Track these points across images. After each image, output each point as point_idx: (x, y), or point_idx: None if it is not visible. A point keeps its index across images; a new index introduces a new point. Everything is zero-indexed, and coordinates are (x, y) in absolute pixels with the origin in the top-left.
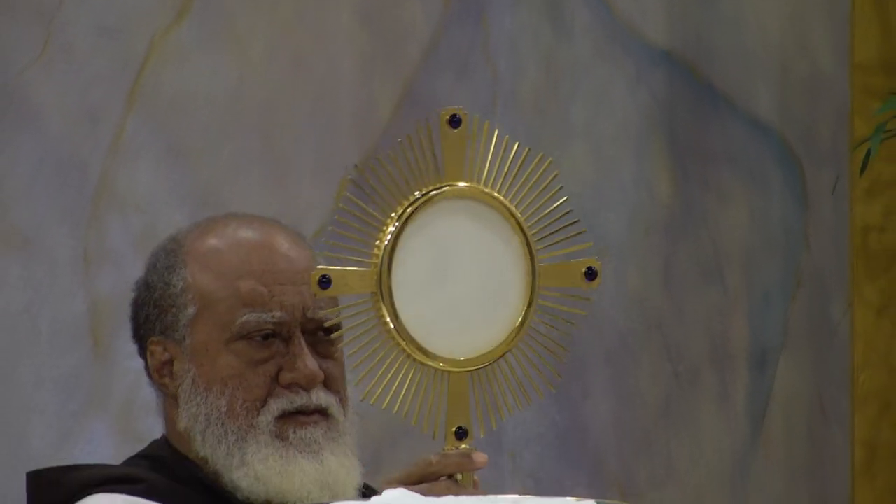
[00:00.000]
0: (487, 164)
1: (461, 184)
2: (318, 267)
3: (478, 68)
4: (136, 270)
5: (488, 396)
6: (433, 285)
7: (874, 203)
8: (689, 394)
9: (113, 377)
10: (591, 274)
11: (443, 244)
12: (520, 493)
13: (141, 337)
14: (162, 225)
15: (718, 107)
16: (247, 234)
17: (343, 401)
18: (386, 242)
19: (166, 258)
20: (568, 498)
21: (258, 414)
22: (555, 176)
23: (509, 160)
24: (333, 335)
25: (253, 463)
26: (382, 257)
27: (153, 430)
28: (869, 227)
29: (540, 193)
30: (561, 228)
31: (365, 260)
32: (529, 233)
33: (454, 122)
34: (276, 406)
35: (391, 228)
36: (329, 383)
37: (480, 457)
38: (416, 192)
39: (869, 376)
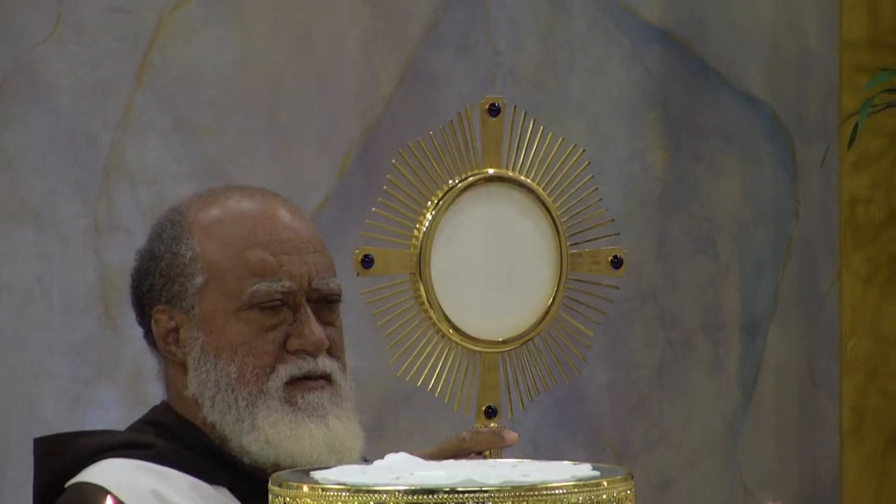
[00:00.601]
0: (523, 153)
1: (497, 171)
2: (361, 246)
3: (478, 45)
4: (144, 241)
5: (517, 377)
6: (468, 268)
7: (861, 176)
8: (682, 361)
9: (122, 344)
10: (616, 262)
11: (478, 229)
12: (519, 458)
13: (144, 305)
14: (170, 197)
15: (711, 83)
16: (250, 205)
17: (344, 367)
18: (426, 226)
19: (172, 229)
20: (565, 462)
21: (267, 380)
22: (586, 166)
23: (543, 149)
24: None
25: (264, 427)
26: (423, 240)
27: (161, 395)
28: (856, 199)
29: (571, 182)
30: (589, 217)
31: (404, 241)
32: (560, 220)
33: (493, 110)
34: (284, 372)
35: (431, 212)
36: (331, 350)
37: (510, 435)
38: (455, 178)
39: (856, 344)
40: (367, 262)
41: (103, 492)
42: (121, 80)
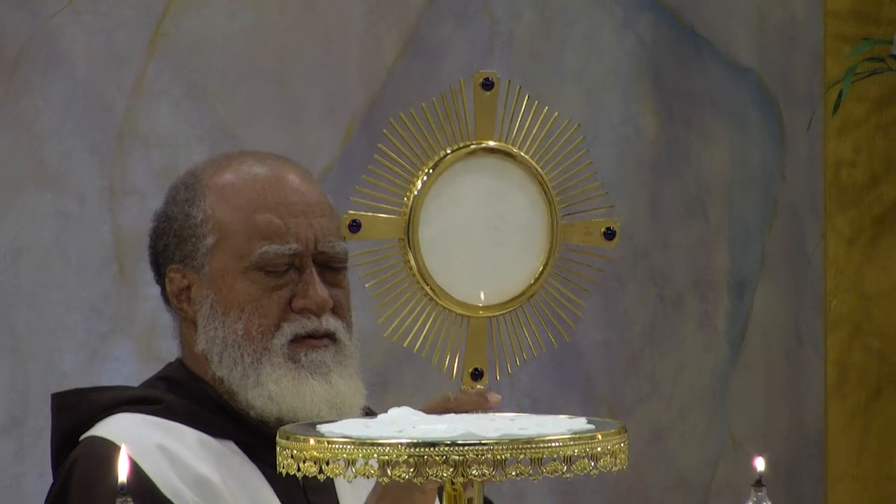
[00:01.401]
0: (517, 126)
1: (491, 142)
2: (350, 212)
3: (477, 15)
4: (157, 203)
5: (505, 342)
6: (458, 235)
7: (845, 140)
8: (673, 318)
9: (137, 302)
10: (610, 234)
11: (469, 197)
12: (517, 412)
13: (159, 265)
14: (182, 161)
15: (701, 51)
16: (261, 169)
17: (349, 326)
18: (416, 192)
19: (186, 191)
20: (561, 415)
21: (272, 337)
22: (581, 140)
23: (538, 123)
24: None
25: (267, 383)
26: (412, 206)
27: (174, 350)
28: (841, 162)
29: (566, 155)
30: (584, 189)
31: (395, 208)
32: (552, 191)
33: (487, 84)
34: (289, 330)
35: (422, 179)
36: (337, 310)
37: (494, 397)
38: (448, 149)
39: (840, 302)
40: (354, 226)
41: (113, 446)
42: (135, 49)
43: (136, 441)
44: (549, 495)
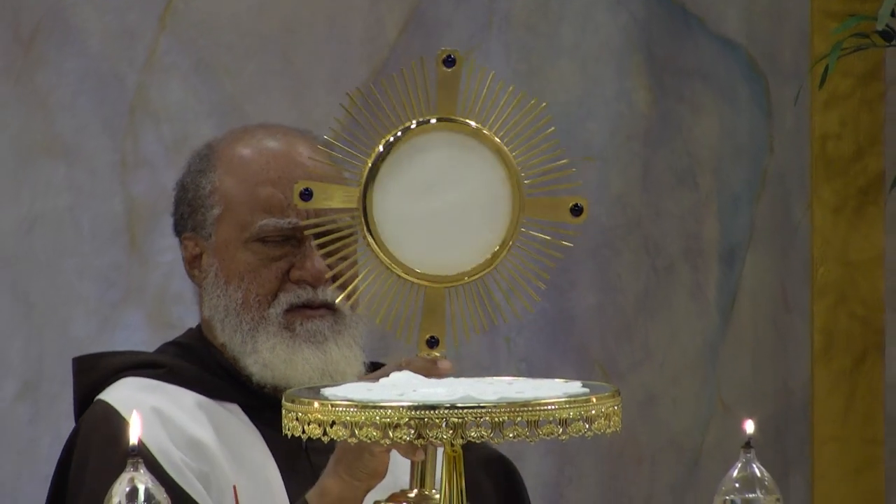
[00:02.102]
0: (480, 102)
1: (452, 117)
2: (302, 180)
3: None
4: (168, 175)
5: (464, 312)
6: (416, 206)
7: (831, 113)
8: (665, 286)
9: (147, 270)
10: (577, 210)
11: (429, 170)
12: (514, 375)
13: (178, 233)
14: (191, 134)
15: (692, 27)
16: (270, 143)
17: (352, 295)
18: (371, 163)
19: (199, 162)
20: (556, 379)
21: (269, 306)
22: (547, 119)
23: (503, 101)
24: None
25: (262, 351)
26: (367, 175)
27: (183, 318)
28: (827, 135)
29: (532, 133)
30: (550, 166)
31: (352, 179)
32: (515, 166)
33: (449, 61)
34: (285, 299)
35: (378, 150)
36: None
37: (445, 364)
38: (408, 122)
39: (826, 270)
40: (305, 194)
41: (111, 409)
42: (146, 26)
43: (133, 404)
44: (545, 456)
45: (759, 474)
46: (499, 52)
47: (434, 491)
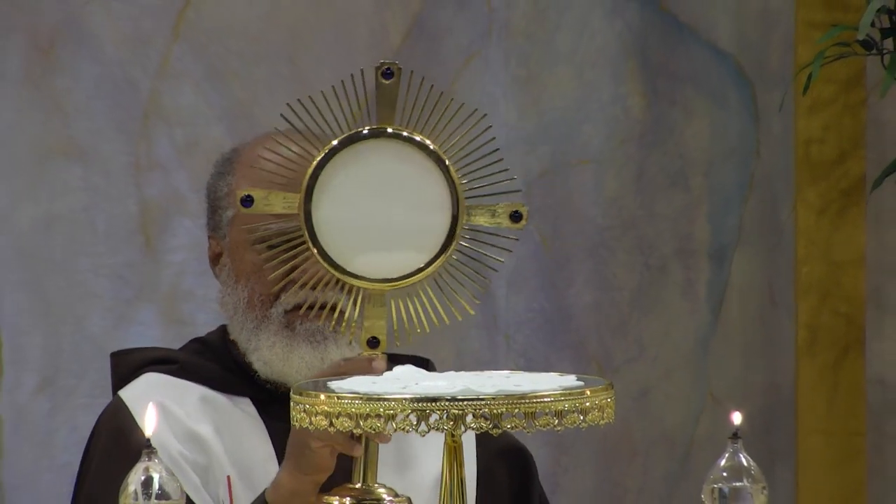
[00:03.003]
0: (420, 114)
1: (391, 127)
2: (245, 188)
3: (475, 1)
4: (180, 177)
5: (405, 314)
6: (356, 212)
7: (815, 119)
8: (658, 284)
9: (160, 269)
10: (516, 216)
11: (369, 178)
12: (512, 370)
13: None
14: (203, 137)
15: (683, 36)
16: (286, 148)
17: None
18: (311, 169)
19: (221, 165)
20: (553, 373)
21: (271, 306)
22: (487, 129)
23: (443, 111)
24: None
25: (263, 348)
26: (307, 182)
27: (194, 314)
28: (811, 139)
29: (472, 142)
30: (491, 174)
31: (293, 185)
32: (455, 174)
33: (387, 74)
34: (286, 300)
35: (320, 157)
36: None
37: (379, 364)
38: (348, 131)
39: (811, 269)
40: (246, 200)
41: (121, 405)
42: (159, 33)
43: (143, 399)
44: (542, 447)
45: (745, 464)
46: (498, 59)
47: (376, 485)
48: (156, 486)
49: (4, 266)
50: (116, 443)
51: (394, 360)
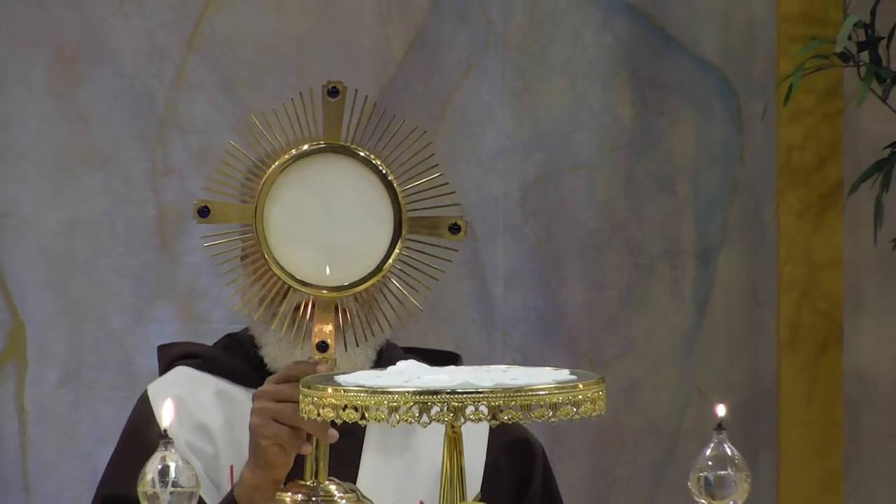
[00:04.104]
0: (364, 129)
1: (336, 142)
2: (201, 199)
3: (474, 16)
4: (195, 182)
5: (353, 319)
6: (304, 223)
7: (796, 127)
8: (646, 283)
9: (177, 269)
10: (455, 228)
11: (317, 191)
12: (508, 364)
13: None
14: (216, 145)
15: (671, 48)
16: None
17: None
18: (263, 182)
19: (250, 171)
20: (547, 368)
21: (280, 304)
22: (428, 145)
23: (385, 127)
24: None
25: (269, 345)
26: (259, 194)
27: (209, 312)
28: (792, 146)
29: (414, 157)
30: (432, 188)
31: (246, 197)
32: (399, 188)
33: (333, 92)
34: (294, 299)
35: (269, 172)
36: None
37: (323, 367)
38: (298, 147)
39: (791, 269)
40: (203, 211)
41: (144, 398)
42: (174, 47)
43: (164, 392)
44: (538, 437)
45: (730, 453)
46: (496, 70)
47: (328, 481)
48: (172, 474)
49: (30, 266)
50: (133, 432)
51: (423, 354)
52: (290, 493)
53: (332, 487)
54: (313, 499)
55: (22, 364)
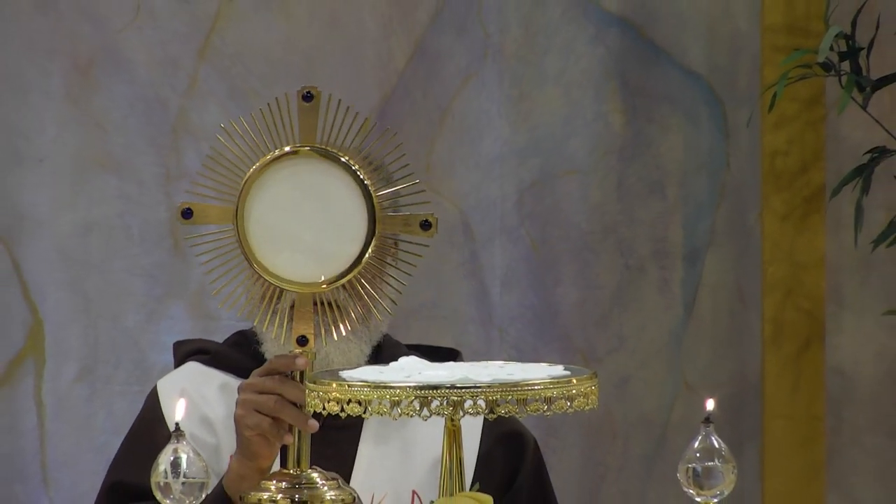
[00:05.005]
0: (338, 132)
1: (312, 145)
2: (184, 201)
3: (473, 28)
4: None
5: (331, 314)
6: (282, 223)
7: (780, 134)
8: (636, 283)
9: (188, 269)
10: (426, 225)
11: (294, 192)
12: (505, 360)
13: None
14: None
15: (660, 59)
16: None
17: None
18: (243, 185)
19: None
20: (542, 364)
21: (278, 302)
22: (399, 146)
23: (358, 130)
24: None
25: (268, 341)
26: (240, 196)
27: (219, 310)
28: (776, 152)
29: (387, 157)
30: (404, 187)
31: (227, 199)
32: (372, 187)
33: (307, 97)
34: (290, 296)
35: (250, 173)
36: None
37: (300, 361)
38: (275, 151)
39: (776, 269)
40: (186, 213)
41: (153, 392)
42: (187, 57)
43: (172, 387)
44: (533, 430)
45: (716, 445)
46: (493, 79)
47: (310, 469)
48: (184, 465)
49: (47, 267)
50: (142, 424)
51: (425, 350)
52: (274, 481)
53: (315, 475)
54: (296, 486)
55: (40, 360)
